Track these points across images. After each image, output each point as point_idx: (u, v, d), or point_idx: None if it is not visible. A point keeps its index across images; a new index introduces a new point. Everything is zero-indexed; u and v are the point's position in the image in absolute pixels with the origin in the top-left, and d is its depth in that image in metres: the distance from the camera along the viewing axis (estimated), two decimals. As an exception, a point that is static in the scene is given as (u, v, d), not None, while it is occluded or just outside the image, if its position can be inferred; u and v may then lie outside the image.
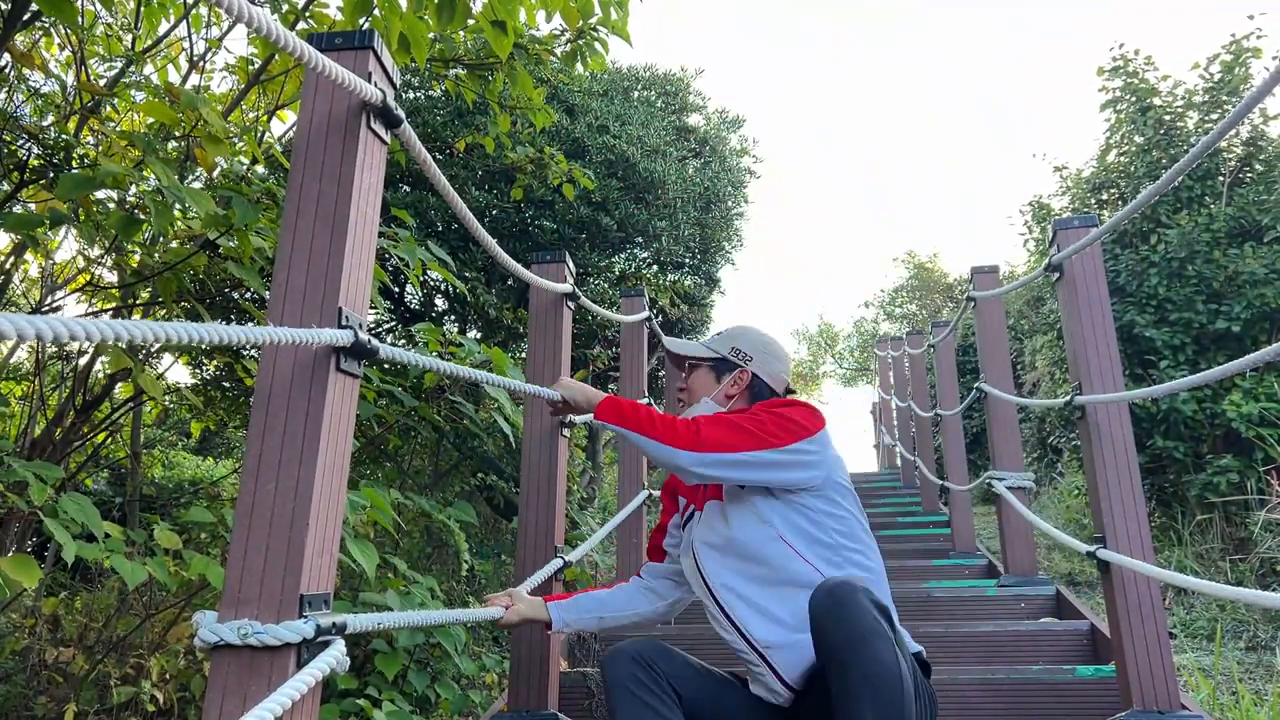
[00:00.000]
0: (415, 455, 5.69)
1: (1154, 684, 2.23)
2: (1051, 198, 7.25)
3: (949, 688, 2.57)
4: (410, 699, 3.24)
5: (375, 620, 1.39)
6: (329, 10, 3.39)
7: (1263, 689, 3.59)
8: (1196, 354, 5.69)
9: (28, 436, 3.57)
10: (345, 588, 3.54)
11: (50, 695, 3.01)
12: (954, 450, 4.80)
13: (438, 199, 5.80)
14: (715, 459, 1.73)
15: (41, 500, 1.99)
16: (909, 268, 18.27)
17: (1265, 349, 1.52)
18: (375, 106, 1.44)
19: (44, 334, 0.74)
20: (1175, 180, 1.88)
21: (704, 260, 7.80)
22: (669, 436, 1.74)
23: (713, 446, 1.73)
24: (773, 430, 1.76)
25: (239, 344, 1.08)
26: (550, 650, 2.43)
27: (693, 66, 8.06)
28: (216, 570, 2.30)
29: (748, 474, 1.75)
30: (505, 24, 2.92)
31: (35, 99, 3.73)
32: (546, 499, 2.52)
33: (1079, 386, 2.49)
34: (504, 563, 5.41)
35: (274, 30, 1.11)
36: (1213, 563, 5.10)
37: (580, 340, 7.11)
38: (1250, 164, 5.99)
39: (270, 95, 3.91)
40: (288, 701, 1.12)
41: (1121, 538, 2.32)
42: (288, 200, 1.41)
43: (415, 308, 6.91)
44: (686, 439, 1.73)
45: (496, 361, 3.36)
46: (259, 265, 2.75)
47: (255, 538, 1.25)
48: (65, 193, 2.18)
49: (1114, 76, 6.50)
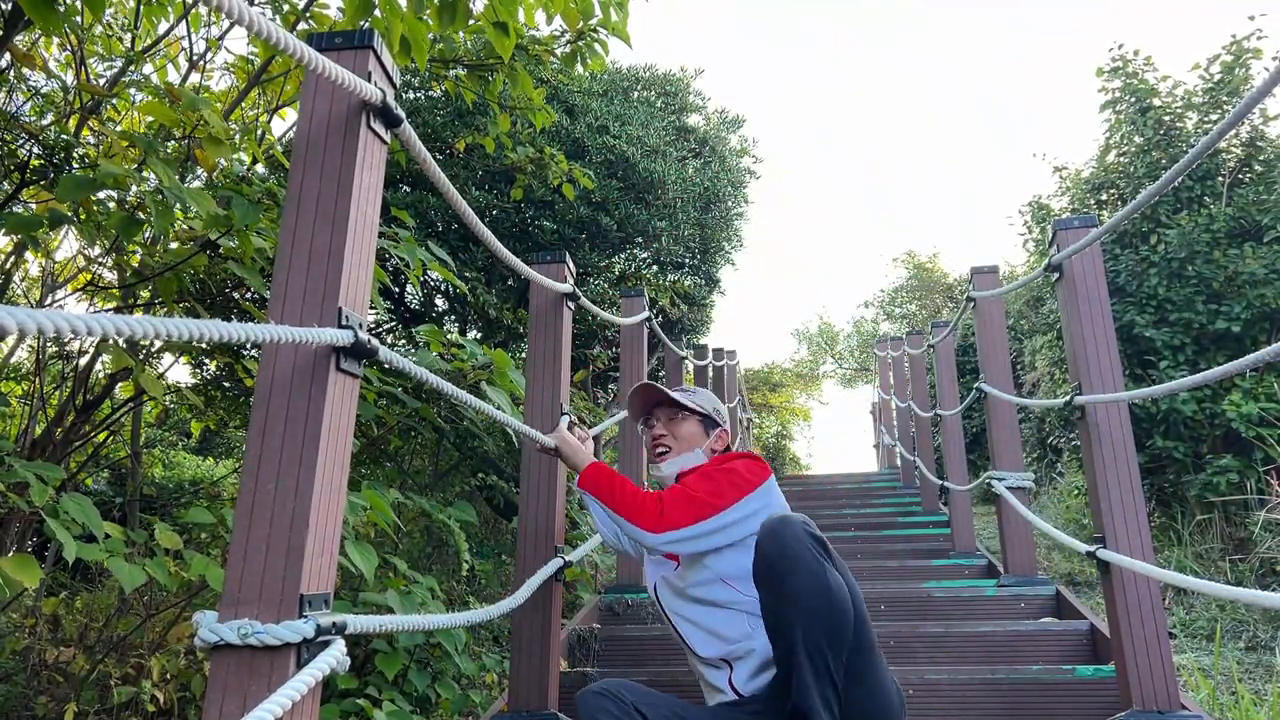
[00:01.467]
0: (415, 455, 5.69)
1: (1154, 684, 2.23)
2: (1051, 198, 7.25)
3: (949, 688, 2.57)
4: (410, 699, 3.24)
5: (376, 622, 1.39)
6: (329, 11, 3.39)
7: (1262, 689, 3.59)
8: (1196, 354, 5.69)
9: (28, 436, 3.57)
10: (345, 588, 3.54)
11: (51, 695, 3.01)
12: (954, 450, 4.80)
13: (438, 199, 5.80)
14: (674, 537, 1.95)
15: (42, 500, 1.99)
16: (909, 268, 18.26)
17: (1265, 349, 1.52)
18: (375, 106, 1.44)
19: (45, 328, 0.74)
20: (1175, 180, 1.88)
21: (704, 260, 7.80)
22: (636, 517, 1.97)
23: (672, 526, 1.95)
24: (725, 489, 1.99)
25: (239, 341, 1.08)
26: (550, 650, 2.43)
27: (693, 67, 8.06)
28: (216, 570, 2.30)
29: (702, 544, 1.96)
30: (507, 25, 2.92)
31: (35, 99, 3.73)
32: (546, 499, 2.52)
33: (1079, 386, 2.49)
34: (504, 562, 5.41)
35: (272, 31, 1.11)
36: (1212, 563, 5.10)
37: (580, 340, 7.11)
38: (1250, 164, 5.99)
39: (271, 95, 3.91)
40: (288, 702, 1.12)
41: (1121, 538, 2.33)
42: (288, 200, 1.41)
43: (415, 308, 6.91)
44: (651, 520, 1.95)
45: (498, 364, 3.36)
46: (259, 265, 2.75)
47: (255, 538, 1.25)
48: (65, 193, 2.18)
49: (1113, 77, 6.50)
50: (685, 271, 7.72)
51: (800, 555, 1.67)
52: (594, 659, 3.16)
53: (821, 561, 1.68)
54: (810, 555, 1.68)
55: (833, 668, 1.64)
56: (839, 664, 1.65)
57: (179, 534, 2.47)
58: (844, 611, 1.65)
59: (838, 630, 1.64)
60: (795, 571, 1.66)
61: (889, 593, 3.51)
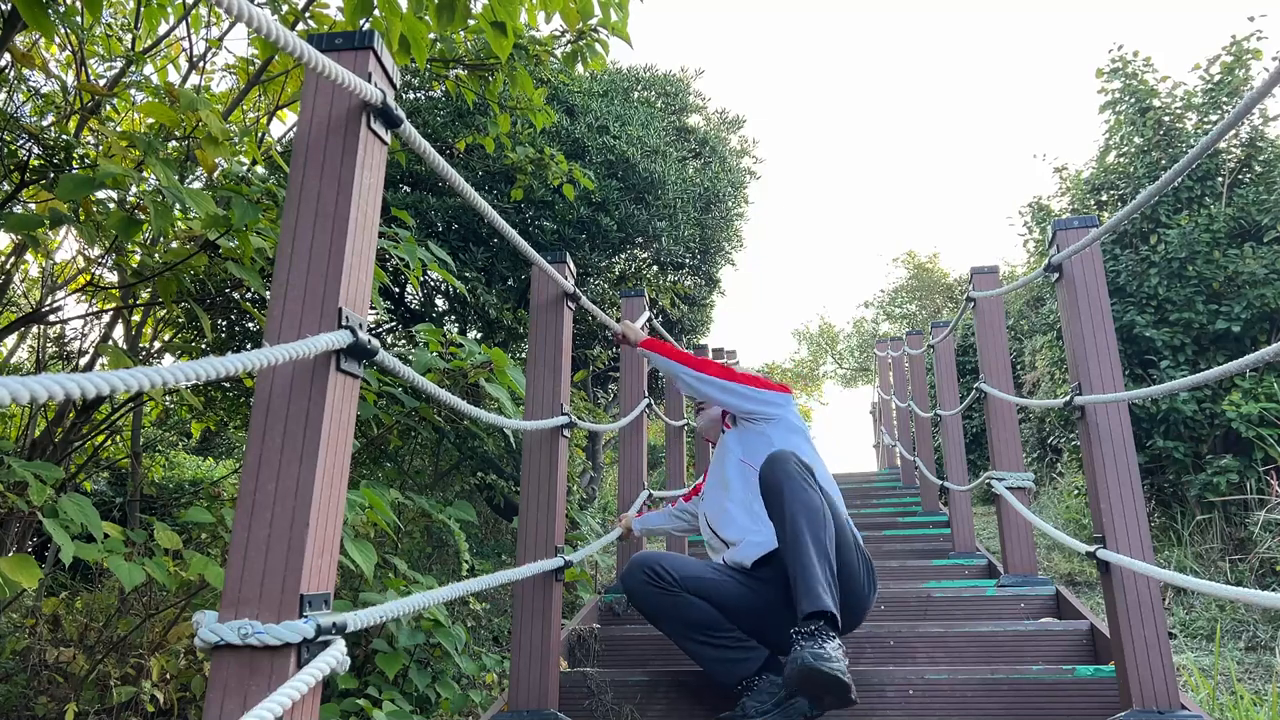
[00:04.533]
0: (415, 455, 5.69)
1: (1154, 684, 2.23)
2: (1051, 199, 7.25)
3: (949, 687, 2.57)
4: (410, 699, 3.24)
5: (375, 614, 1.39)
6: (329, 11, 3.39)
7: (1262, 689, 3.59)
8: (1196, 354, 5.69)
9: (28, 437, 3.58)
10: (345, 588, 3.54)
11: (51, 695, 3.01)
12: (954, 450, 4.80)
13: (438, 199, 5.80)
14: (699, 379, 2.80)
15: (41, 500, 1.99)
16: (909, 268, 18.26)
17: (1265, 349, 1.52)
18: (375, 106, 1.44)
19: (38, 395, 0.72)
20: (1175, 181, 1.88)
21: (704, 261, 7.79)
22: (682, 360, 2.85)
23: (700, 368, 2.81)
24: (740, 379, 2.80)
25: (236, 374, 1.08)
26: (550, 650, 2.44)
27: (693, 67, 8.06)
28: (216, 570, 2.30)
29: (715, 393, 2.78)
30: (505, 25, 2.92)
31: (35, 99, 3.73)
32: (546, 499, 2.52)
33: (1079, 387, 2.49)
34: (504, 562, 5.41)
35: (274, 30, 1.11)
36: (1212, 563, 5.10)
37: (580, 340, 7.11)
38: (1250, 164, 5.99)
39: (271, 95, 3.91)
40: (288, 701, 1.12)
41: (1121, 538, 2.33)
42: (288, 200, 1.41)
43: (415, 308, 6.90)
44: (691, 363, 2.83)
45: (496, 362, 3.36)
46: (259, 265, 2.75)
47: (255, 538, 1.25)
48: (65, 193, 2.18)
49: (1113, 78, 6.50)
50: (685, 272, 7.72)
51: (792, 475, 2.32)
52: (594, 659, 3.16)
53: (807, 480, 2.33)
54: (799, 476, 2.32)
55: (829, 550, 2.23)
56: (831, 548, 2.25)
57: (179, 534, 2.47)
58: (824, 514, 2.29)
59: (823, 524, 2.26)
60: (791, 489, 2.29)
61: (889, 593, 3.51)
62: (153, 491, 6.41)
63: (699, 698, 2.64)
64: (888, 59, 58.92)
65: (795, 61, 60.13)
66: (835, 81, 59.17)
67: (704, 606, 2.46)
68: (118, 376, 0.83)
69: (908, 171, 55.31)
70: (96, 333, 4.13)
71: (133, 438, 4.43)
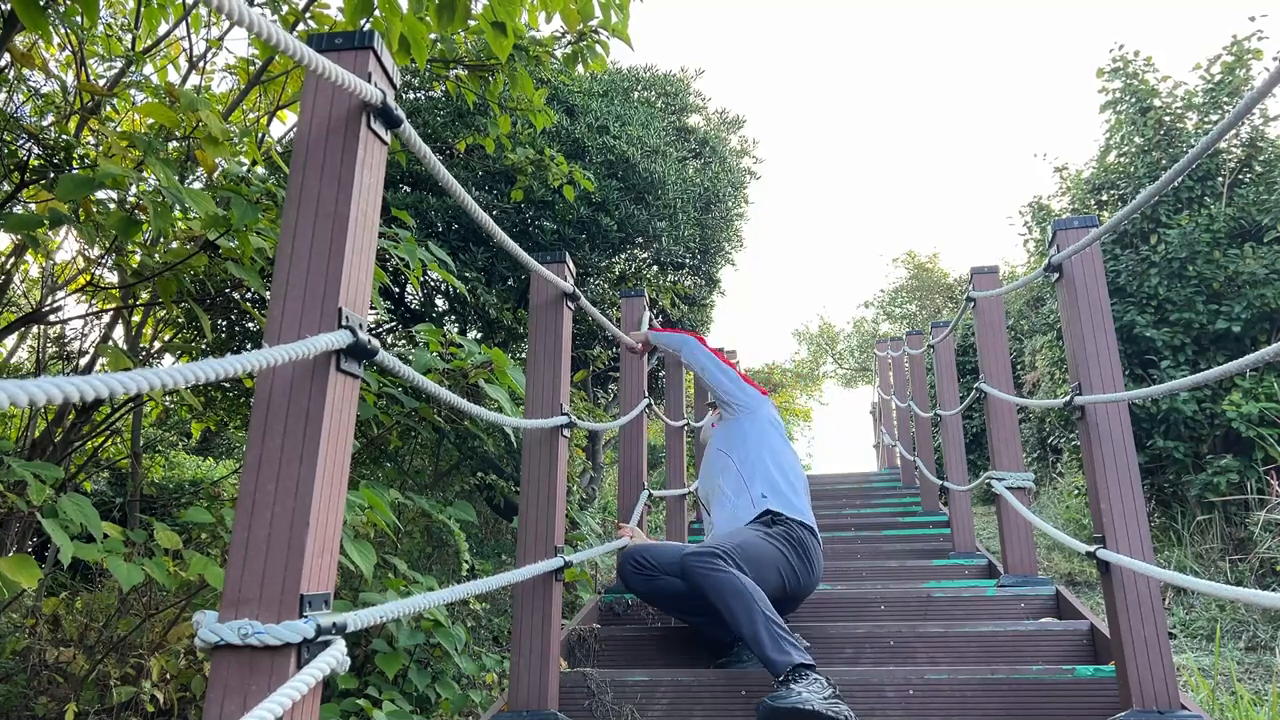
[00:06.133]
0: (415, 455, 5.69)
1: (1154, 684, 2.23)
2: (1051, 198, 7.26)
3: (949, 688, 2.57)
4: (410, 699, 3.24)
5: (375, 614, 1.39)
6: (330, 11, 3.39)
7: (1262, 689, 3.59)
8: (1196, 354, 5.69)
9: (28, 437, 3.58)
10: (345, 588, 3.54)
11: (51, 695, 3.01)
12: (954, 450, 4.80)
13: (438, 199, 5.80)
14: (705, 353, 3.37)
15: (41, 500, 1.99)
16: (909, 268, 18.25)
17: (1265, 349, 1.52)
18: (375, 107, 1.44)
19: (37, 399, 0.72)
20: (1175, 181, 1.88)
21: (704, 261, 7.79)
22: (691, 334, 3.47)
23: (698, 345, 3.41)
24: (734, 369, 3.37)
25: (237, 374, 1.07)
26: (550, 650, 2.44)
27: (693, 67, 8.06)
28: (216, 570, 2.30)
29: (711, 367, 3.34)
30: (505, 25, 2.92)
31: (35, 99, 3.73)
32: (546, 499, 2.52)
33: (1079, 387, 2.49)
34: (504, 562, 5.41)
35: (272, 32, 1.11)
36: (1212, 563, 5.10)
37: (580, 340, 7.11)
38: (1250, 164, 5.99)
39: (271, 96, 3.91)
40: (288, 702, 1.12)
41: (1121, 538, 2.32)
42: (288, 200, 1.41)
43: (415, 308, 6.90)
44: (700, 340, 3.44)
45: (496, 362, 3.36)
46: (259, 265, 2.75)
47: (255, 538, 1.25)
48: (65, 193, 2.18)
49: (1114, 78, 6.50)
50: (685, 272, 7.71)
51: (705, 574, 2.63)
52: (594, 659, 3.16)
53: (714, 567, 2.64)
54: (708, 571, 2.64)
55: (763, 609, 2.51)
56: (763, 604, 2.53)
57: (179, 534, 2.47)
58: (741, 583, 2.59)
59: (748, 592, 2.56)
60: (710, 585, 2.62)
61: (889, 593, 3.51)
62: (153, 491, 6.41)
63: (699, 698, 2.64)
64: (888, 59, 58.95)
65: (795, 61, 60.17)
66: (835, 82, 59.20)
67: (678, 584, 2.91)
68: (117, 379, 0.83)
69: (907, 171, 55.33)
70: (96, 333, 4.14)
71: (133, 438, 4.43)
